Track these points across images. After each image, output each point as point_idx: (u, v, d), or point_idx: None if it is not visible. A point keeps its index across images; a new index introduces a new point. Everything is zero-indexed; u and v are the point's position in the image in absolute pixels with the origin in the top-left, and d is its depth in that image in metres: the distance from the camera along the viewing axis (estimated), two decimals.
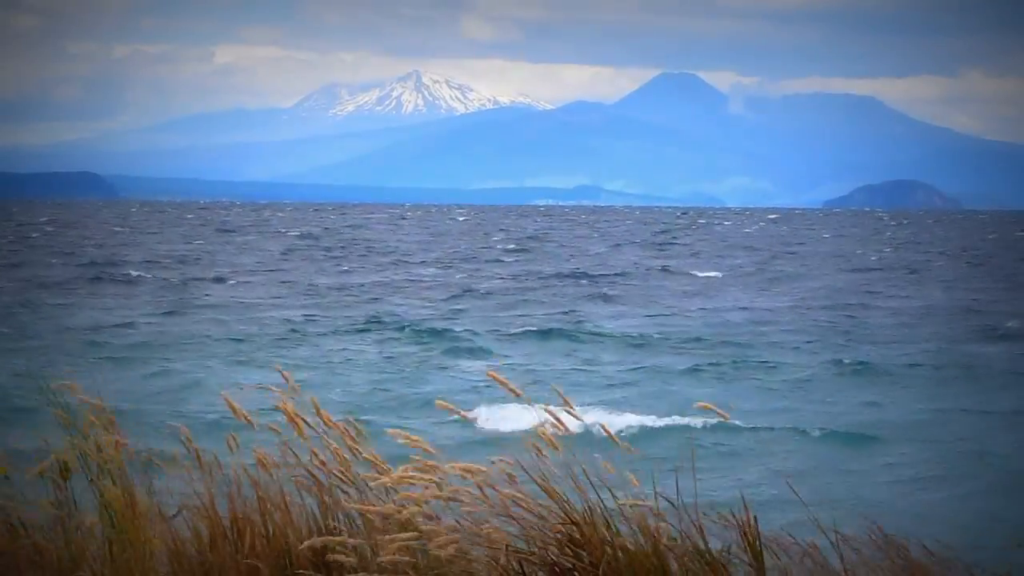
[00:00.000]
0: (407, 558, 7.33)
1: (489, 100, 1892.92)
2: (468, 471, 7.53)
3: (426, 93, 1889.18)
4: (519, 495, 7.45)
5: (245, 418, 8.22)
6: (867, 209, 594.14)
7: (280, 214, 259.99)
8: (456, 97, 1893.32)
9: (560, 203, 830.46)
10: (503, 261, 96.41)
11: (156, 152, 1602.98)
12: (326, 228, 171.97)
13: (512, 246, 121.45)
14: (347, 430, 8.04)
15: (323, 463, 8.06)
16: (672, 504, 7.35)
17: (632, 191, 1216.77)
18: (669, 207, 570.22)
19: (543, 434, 7.59)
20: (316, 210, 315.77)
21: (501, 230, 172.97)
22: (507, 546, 7.31)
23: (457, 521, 7.44)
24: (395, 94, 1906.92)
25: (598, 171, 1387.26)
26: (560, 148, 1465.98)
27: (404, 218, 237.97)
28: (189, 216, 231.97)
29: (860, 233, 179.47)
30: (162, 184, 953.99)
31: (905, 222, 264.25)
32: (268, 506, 8.16)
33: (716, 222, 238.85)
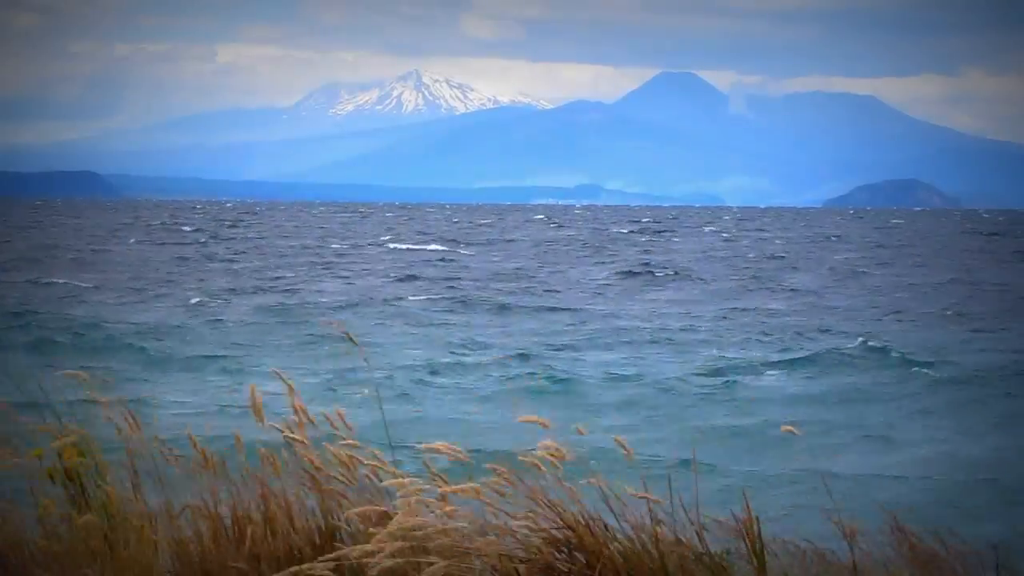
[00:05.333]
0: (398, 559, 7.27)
1: (489, 99, 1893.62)
2: (461, 492, 7.49)
3: (426, 92, 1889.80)
4: (512, 508, 7.43)
5: (261, 418, 8.36)
6: (869, 208, 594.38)
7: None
8: (456, 96, 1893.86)
9: (560, 202, 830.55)
10: None
11: (156, 151, 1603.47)
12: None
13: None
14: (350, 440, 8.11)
15: (320, 468, 8.13)
16: (672, 506, 7.31)
17: (632, 190, 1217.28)
18: (669, 206, 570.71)
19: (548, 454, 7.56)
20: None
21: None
22: (501, 555, 7.29)
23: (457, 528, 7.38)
24: (395, 93, 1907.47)
25: (598, 170, 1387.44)
26: (560, 147, 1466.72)
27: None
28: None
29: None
30: (162, 183, 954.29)
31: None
32: (271, 505, 8.21)
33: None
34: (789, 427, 7.75)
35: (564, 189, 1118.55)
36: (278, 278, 73.55)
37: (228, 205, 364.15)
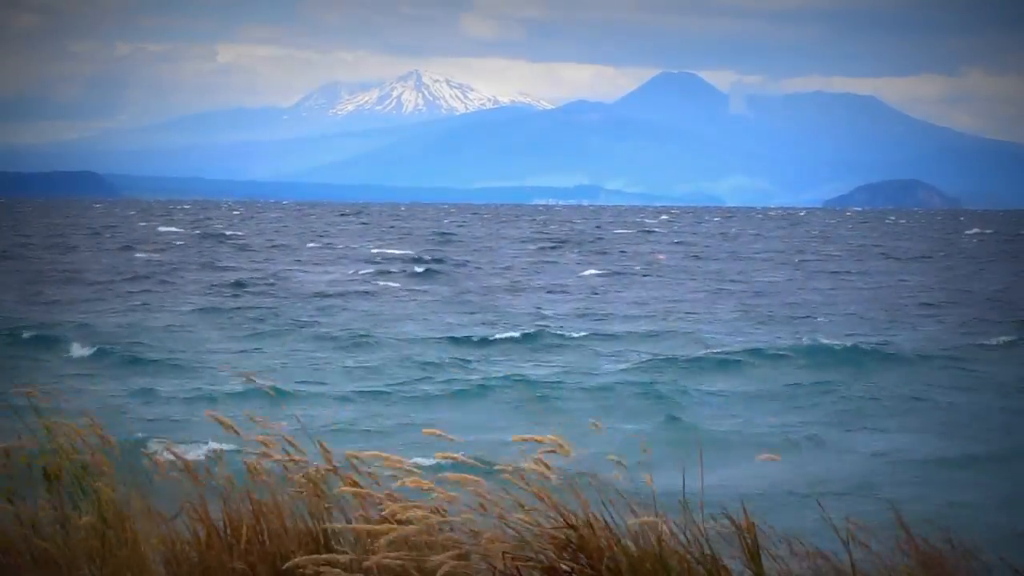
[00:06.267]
0: (399, 560, 7.34)
1: (489, 99, 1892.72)
2: (463, 483, 7.52)
3: (426, 92, 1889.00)
4: (515, 502, 7.46)
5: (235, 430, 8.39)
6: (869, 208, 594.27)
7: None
8: (456, 96, 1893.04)
9: (560, 202, 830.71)
10: None
11: (157, 151, 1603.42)
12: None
13: None
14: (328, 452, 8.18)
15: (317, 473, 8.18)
16: (676, 507, 7.35)
17: (632, 190, 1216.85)
18: (669, 207, 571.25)
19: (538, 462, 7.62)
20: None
21: None
22: (504, 553, 7.30)
23: (453, 529, 7.44)
24: (395, 93, 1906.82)
25: (598, 171, 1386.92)
26: (560, 148, 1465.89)
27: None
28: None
29: None
30: (162, 183, 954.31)
31: None
32: (263, 509, 8.21)
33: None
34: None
35: (564, 189, 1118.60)
36: (256, 269, 74.62)
37: (226, 206, 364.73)
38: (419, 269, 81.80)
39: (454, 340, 44.17)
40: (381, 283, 71.20)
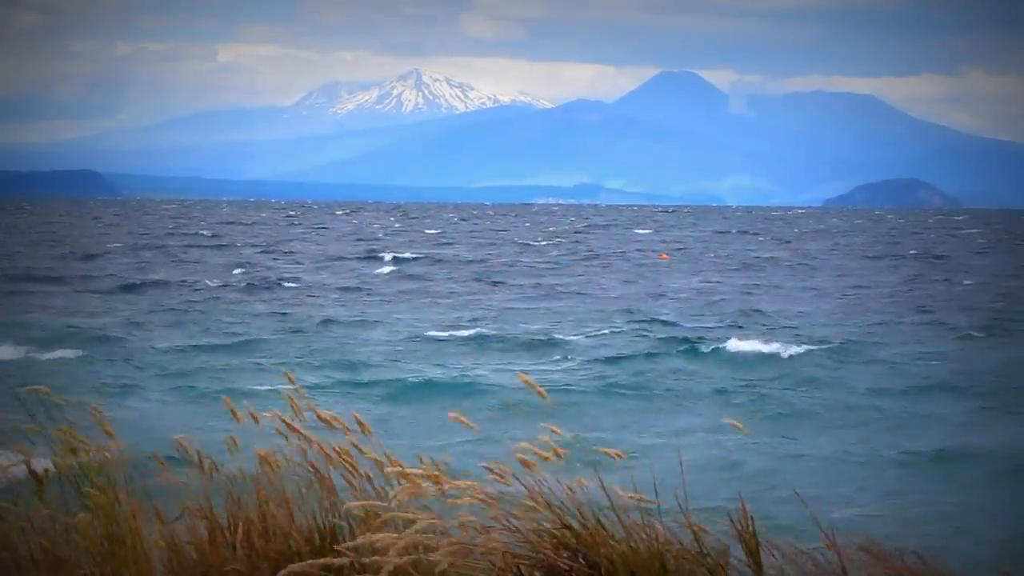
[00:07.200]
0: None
1: (489, 99, 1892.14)
2: (462, 488, 7.53)
3: (426, 92, 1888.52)
4: (513, 504, 7.47)
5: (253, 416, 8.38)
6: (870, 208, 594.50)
7: None
8: (456, 96, 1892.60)
9: (561, 202, 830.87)
10: None
11: (157, 150, 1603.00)
12: None
13: None
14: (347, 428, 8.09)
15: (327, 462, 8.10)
16: (675, 506, 7.37)
17: (632, 190, 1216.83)
18: (669, 206, 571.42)
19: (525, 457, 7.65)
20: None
21: None
22: (505, 553, 7.34)
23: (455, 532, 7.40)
24: (395, 93, 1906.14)
25: (598, 170, 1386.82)
26: (560, 147, 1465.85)
27: None
28: None
29: None
30: (163, 183, 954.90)
31: None
32: (270, 506, 8.12)
33: None
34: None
35: (564, 189, 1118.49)
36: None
37: (219, 206, 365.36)
38: (391, 268, 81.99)
39: (422, 337, 44.34)
40: (355, 281, 71.44)
